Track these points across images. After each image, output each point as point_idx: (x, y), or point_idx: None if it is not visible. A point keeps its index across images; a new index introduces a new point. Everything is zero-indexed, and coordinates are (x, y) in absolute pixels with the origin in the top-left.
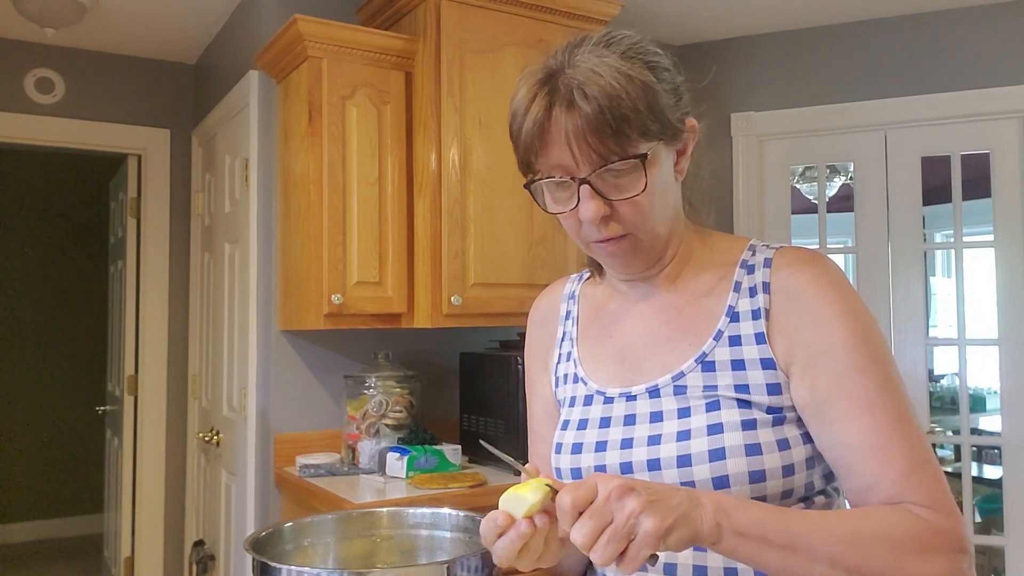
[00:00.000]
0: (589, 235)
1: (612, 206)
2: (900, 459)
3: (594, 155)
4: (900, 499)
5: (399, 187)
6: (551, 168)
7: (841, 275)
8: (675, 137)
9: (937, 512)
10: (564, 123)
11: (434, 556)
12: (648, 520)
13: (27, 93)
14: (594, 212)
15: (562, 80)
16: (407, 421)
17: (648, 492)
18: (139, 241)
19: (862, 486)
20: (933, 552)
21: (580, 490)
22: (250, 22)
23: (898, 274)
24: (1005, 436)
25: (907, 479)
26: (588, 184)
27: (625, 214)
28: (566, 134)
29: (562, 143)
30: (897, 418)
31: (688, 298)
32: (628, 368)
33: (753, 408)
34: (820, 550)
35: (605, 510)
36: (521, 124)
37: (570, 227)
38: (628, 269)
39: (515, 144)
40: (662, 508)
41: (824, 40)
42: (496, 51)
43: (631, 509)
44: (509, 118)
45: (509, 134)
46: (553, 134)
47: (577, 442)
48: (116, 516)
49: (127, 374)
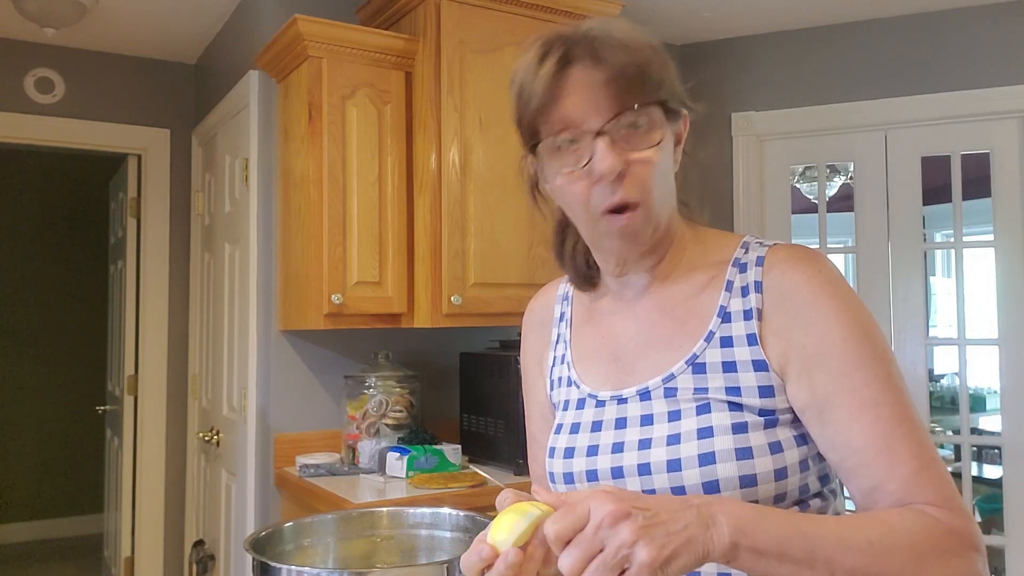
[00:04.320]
0: (600, 199)
1: (627, 161)
2: (907, 458)
3: (616, 102)
4: (909, 499)
5: (399, 187)
6: (560, 127)
7: (836, 273)
8: (678, 113)
9: (950, 512)
10: (588, 73)
11: (434, 556)
12: (644, 551)
13: (27, 93)
14: (612, 163)
15: (578, 37)
16: (407, 421)
17: (647, 517)
18: (139, 241)
19: (869, 487)
20: (950, 554)
21: (568, 518)
22: (250, 22)
23: (898, 274)
24: (1005, 436)
25: (915, 478)
26: (606, 135)
27: (638, 171)
28: (589, 83)
29: (580, 94)
30: (901, 416)
31: (680, 297)
32: (620, 370)
33: (744, 411)
34: (839, 562)
35: (595, 539)
36: (532, 85)
37: (576, 197)
38: (632, 249)
39: (522, 111)
40: (660, 535)
41: (824, 40)
42: (496, 51)
43: (623, 539)
44: (514, 90)
45: (515, 101)
46: (569, 87)
47: (569, 446)
48: (116, 516)
49: (127, 374)
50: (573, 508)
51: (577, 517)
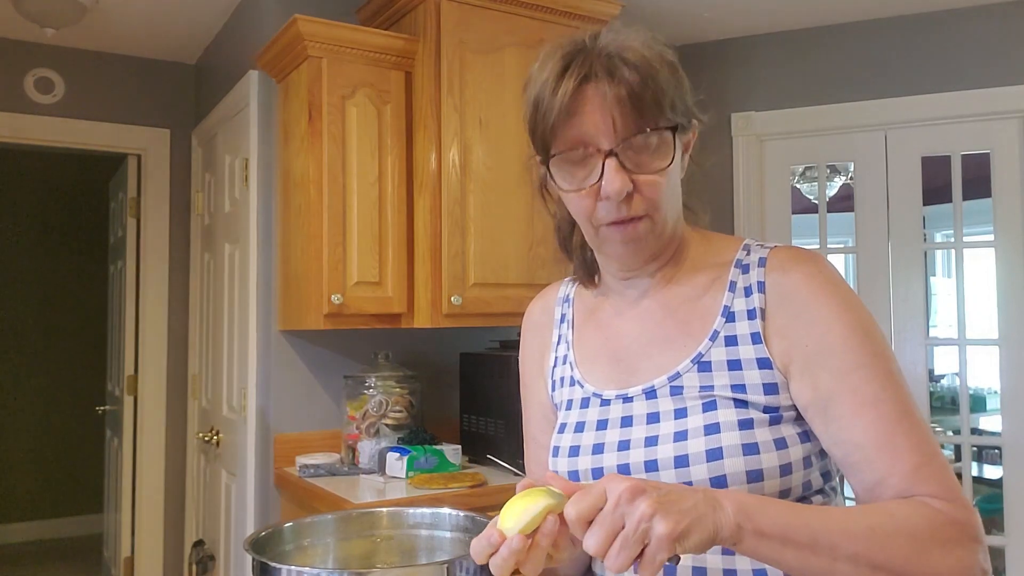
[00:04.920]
0: (605, 214)
1: (635, 182)
2: (909, 453)
3: (630, 124)
4: (911, 493)
5: (399, 187)
6: (573, 144)
7: (836, 273)
8: (687, 128)
9: (952, 504)
10: (604, 91)
11: (434, 556)
12: (661, 524)
13: (27, 93)
14: (620, 184)
15: (596, 53)
16: (407, 421)
17: (660, 493)
18: (139, 241)
19: (872, 482)
20: (952, 544)
21: (587, 499)
22: (250, 22)
23: (898, 274)
24: (1005, 436)
25: (918, 473)
26: (615, 157)
27: (646, 192)
28: (605, 102)
29: (595, 113)
30: (902, 412)
31: (683, 298)
32: (624, 370)
33: (750, 408)
34: (842, 548)
35: (615, 516)
36: (550, 100)
37: (582, 208)
38: (636, 257)
39: (536, 122)
40: (675, 510)
41: (824, 40)
42: (496, 51)
43: (642, 512)
44: (529, 99)
45: (529, 113)
46: (585, 105)
47: (574, 445)
48: (116, 516)
49: (127, 374)
50: (590, 490)
51: (596, 497)
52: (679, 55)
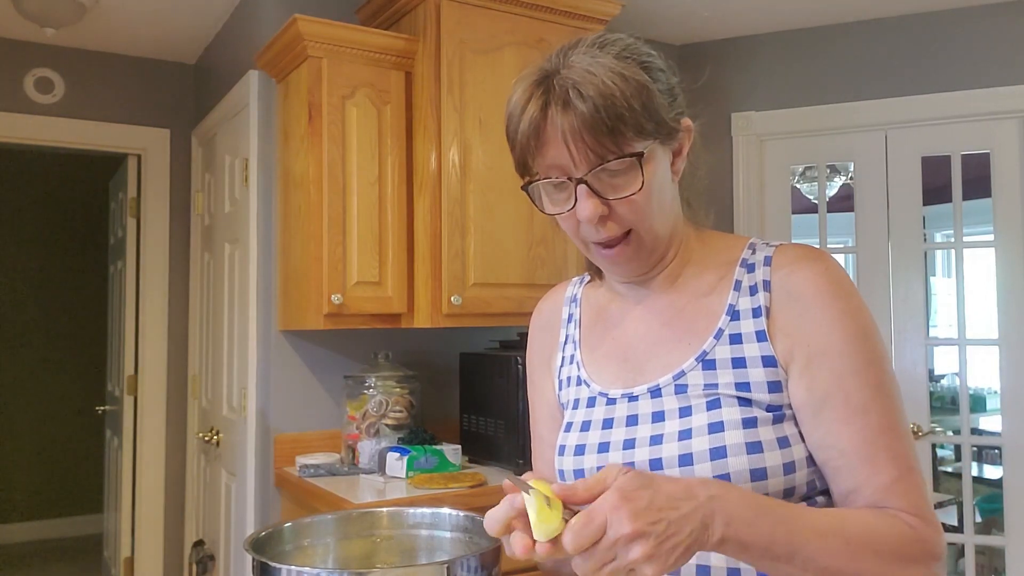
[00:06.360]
0: (588, 235)
1: (609, 206)
2: (887, 467)
3: (591, 154)
4: (884, 505)
5: (399, 187)
6: (548, 169)
7: (842, 273)
8: (670, 137)
9: (922, 521)
10: (560, 122)
11: (434, 556)
12: (649, 568)
13: (27, 93)
14: (591, 211)
15: (557, 81)
16: (407, 421)
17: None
18: (139, 241)
19: (847, 489)
20: (913, 561)
21: (587, 529)
22: (250, 22)
23: (898, 274)
24: (1005, 436)
25: (892, 487)
26: (585, 184)
27: (623, 213)
28: (562, 133)
29: (559, 143)
30: (888, 425)
31: (688, 298)
32: (630, 369)
33: (753, 406)
34: (817, 561)
35: (609, 553)
36: (517, 126)
37: (569, 228)
38: (627, 273)
39: (512, 146)
40: (667, 550)
41: (824, 40)
42: (496, 51)
43: (634, 558)
44: (505, 121)
45: (506, 136)
46: (549, 134)
47: (580, 444)
48: (116, 516)
49: (127, 374)
50: (591, 521)
51: (594, 531)
52: (679, 55)
